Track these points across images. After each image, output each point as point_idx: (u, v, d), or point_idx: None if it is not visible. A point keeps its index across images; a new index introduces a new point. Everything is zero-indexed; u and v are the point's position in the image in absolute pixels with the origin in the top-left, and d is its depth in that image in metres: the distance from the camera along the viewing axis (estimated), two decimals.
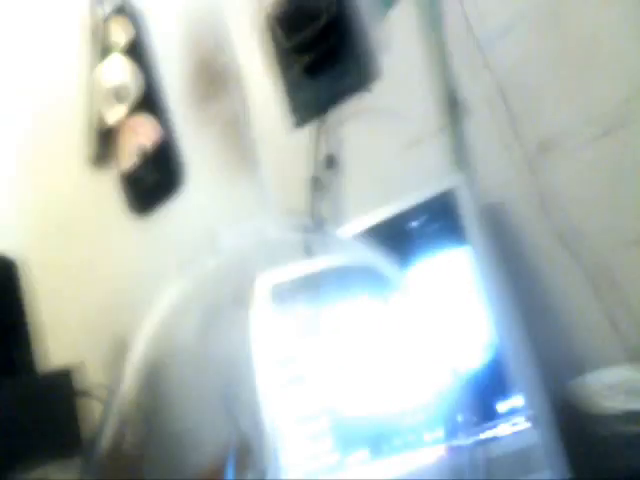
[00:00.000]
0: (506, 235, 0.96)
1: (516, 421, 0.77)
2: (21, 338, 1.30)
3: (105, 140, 1.54)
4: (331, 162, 1.16)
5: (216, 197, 1.31)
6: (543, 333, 0.88)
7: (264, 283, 0.99)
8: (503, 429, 0.77)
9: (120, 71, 1.51)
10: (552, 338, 0.92)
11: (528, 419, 0.77)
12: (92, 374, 1.20)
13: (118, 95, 1.54)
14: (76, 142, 1.56)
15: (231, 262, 1.16)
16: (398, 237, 0.93)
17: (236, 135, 1.30)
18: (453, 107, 1.04)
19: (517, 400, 0.78)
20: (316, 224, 1.13)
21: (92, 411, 1.14)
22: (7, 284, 1.35)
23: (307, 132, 1.18)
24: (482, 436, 0.77)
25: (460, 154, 1.02)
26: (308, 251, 0.99)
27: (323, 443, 0.85)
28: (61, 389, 1.22)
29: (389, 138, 1.09)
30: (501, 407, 0.78)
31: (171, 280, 1.33)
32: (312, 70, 1.18)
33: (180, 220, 1.35)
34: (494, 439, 0.77)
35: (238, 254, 1.00)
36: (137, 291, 1.36)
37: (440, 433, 0.78)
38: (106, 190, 1.49)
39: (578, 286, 0.91)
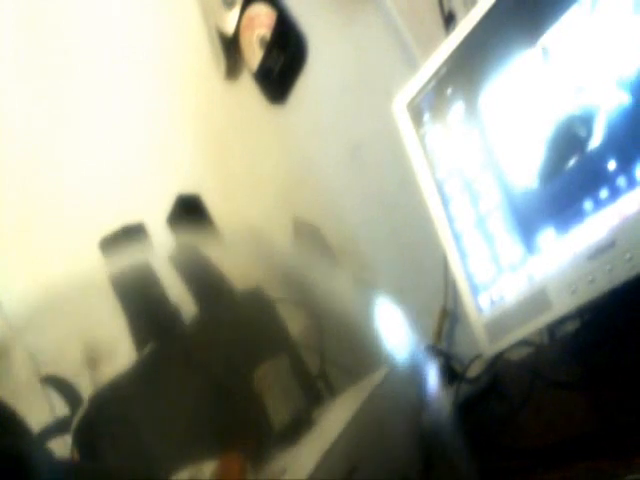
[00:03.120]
0: None
1: None
2: None
3: (232, 49, 1.52)
4: None
5: (343, 44, 1.22)
6: None
7: (399, 107, 0.90)
8: None
9: None
10: None
11: None
12: None
13: (226, 1, 1.51)
14: (208, 64, 1.56)
15: None
16: None
17: None
18: None
19: None
20: None
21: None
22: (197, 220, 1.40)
23: None
24: None
25: None
26: None
27: (502, 240, 0.75)
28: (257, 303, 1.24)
29: None
30: None
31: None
32: None
33: (316, 89, 1.29)
34: None
35: None
36: (309, 171, 1.36)
37: None
38: (248, 95, 1.47)
39: None
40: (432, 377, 0.73)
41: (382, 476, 0.78)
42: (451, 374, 0.81)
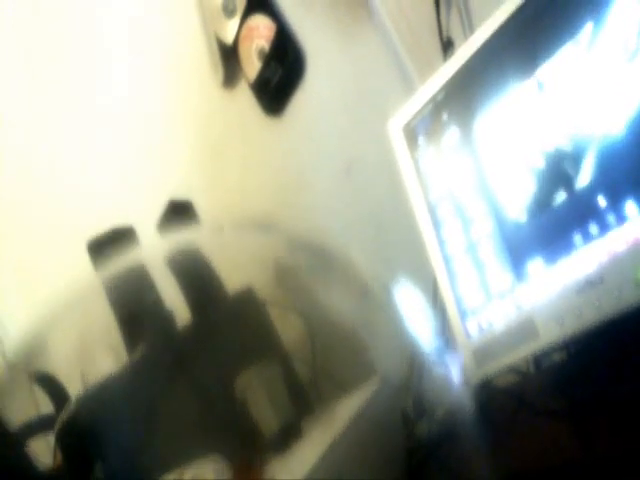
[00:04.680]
0: None
1: None
2: None
3: (230, 59, 1.53)
4: None
5: (342, 62, 1.23)
6: None
7: (394, 129, 0.91)
8: None
9: None
10: None
11: None
12: None
13: (227, 10, 1.52)
14: (206, 71, 1.57)
15: None
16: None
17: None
18: None
19: None
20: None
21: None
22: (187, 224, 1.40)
23: None
24: None
25: None
26: None
27: (491, 267, 0.76)
28: (248, 307, 1.24)
29: None
30: None
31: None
32: None
33: (313, 104, 1.30)
34: None
35: None
36: (301, 186, 1.37)
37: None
38: (244, 105, 1.48)
39: None
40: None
41: None
42: (421, 411, 0.82)
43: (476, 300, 0.78)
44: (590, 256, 0.65)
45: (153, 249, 1.01)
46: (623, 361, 0.64)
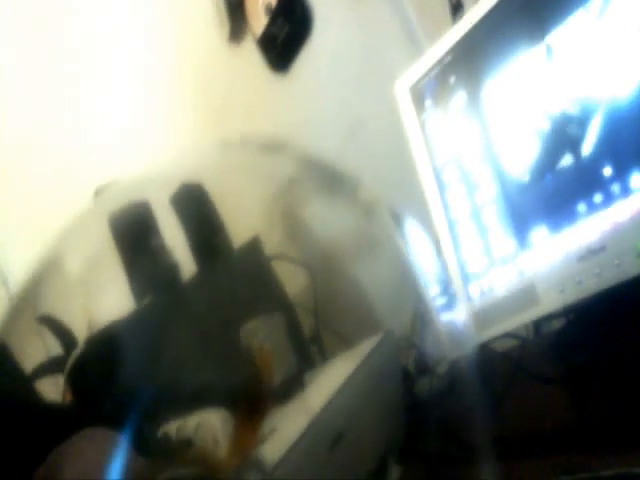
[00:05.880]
0: None
1: None
2: None
3: (237, 13, 1.51)
4: None
5: (349, 21, 1.22)
6: None
7: (401, 90, 0.90)
8: None
9: None
10: None
11: None
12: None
13: None
14: (212, 26, 1.55)
15: None
16: None
17: None
18: None
19: None
20: None
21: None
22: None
23: None
24: None
25: None
26: None
27: (495, 233, 0.76)
28: (254, 257, 1.24)
29: None
30: None
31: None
32: None
33: (319, 63, 1.29)
34: None
35: None
36: (304, 144, 1.36)
37: None
38: (250, 60, 1.46)
39: None
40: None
41: (365, 445, 0.80)
42: (422, 367, 0.83)
43: (479, 265, 0.79)
44: (593, 225, 0.65)
45: (157, 186, 1.01)
46: (620, 330, 0.65)
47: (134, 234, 0.98)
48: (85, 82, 1.74)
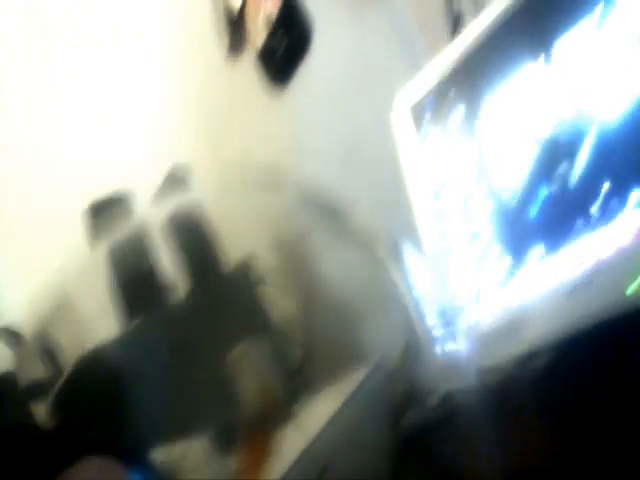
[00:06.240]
0: None
1: None
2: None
3: (237, 25, 1.51)
4: None
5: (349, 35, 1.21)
6: None
7: (400, 109, 0.89)
8: None
9: None
10: None
11: None
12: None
13: None
14: (211, 38, 1.54)
15: None
16: None
17: None
18: None
19: None
20: None
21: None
22: None
23: None
24: None
25: None
26: None
27: (491, 252, 0.75)
28: (245, 281, 1.23)
29: None
30: None
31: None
32: None
33: (318, 77, 1.29)
34: None
35: None
36: (302, 163, 1.36)
37: None
38: (248, 74, 1.46)
39: None
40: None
41: (351, 477, 0.79)
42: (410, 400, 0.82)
43: (468, 296, 0.77)
44: (580, 260, 0.64)
45: (154, 214, 1.01)
46: (606, 369, 0.64)
47: (129, 263, 0.98)
48: (81, 93, 1.74)
